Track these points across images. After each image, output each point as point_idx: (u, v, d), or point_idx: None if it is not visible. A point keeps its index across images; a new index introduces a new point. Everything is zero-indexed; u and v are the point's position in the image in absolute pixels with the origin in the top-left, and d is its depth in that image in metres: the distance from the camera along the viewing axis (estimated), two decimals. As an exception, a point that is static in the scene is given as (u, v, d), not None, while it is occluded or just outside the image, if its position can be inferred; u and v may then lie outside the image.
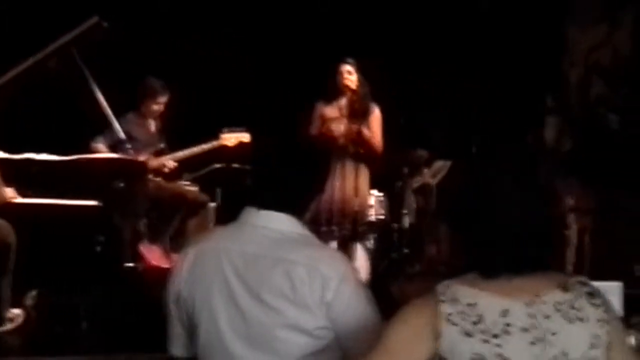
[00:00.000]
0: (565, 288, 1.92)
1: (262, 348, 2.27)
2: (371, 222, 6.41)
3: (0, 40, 6.41)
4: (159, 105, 6.56)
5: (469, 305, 1.90)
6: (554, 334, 1.88)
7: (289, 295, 2.24)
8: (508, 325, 1.88)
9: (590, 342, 1.88)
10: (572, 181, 6.18)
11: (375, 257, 6.30)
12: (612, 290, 2.51)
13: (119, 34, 5.96)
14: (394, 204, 6.68)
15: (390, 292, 5.83)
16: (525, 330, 1.88)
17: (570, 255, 6.11)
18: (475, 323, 1.89)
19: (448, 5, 7.65)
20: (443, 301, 1.91)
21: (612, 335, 1.90)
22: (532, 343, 1.87)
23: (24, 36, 6.15)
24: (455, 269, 2.04)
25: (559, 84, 7.40)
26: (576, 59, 7.35)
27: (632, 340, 2.40)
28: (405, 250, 6.53)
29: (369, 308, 2.33)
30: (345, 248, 5.94)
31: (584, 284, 1.94)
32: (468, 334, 1.88)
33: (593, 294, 1.92)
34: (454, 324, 1.89)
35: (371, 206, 6.43)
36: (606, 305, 1.92)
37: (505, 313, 1.89)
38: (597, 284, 2.03)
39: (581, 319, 1.89)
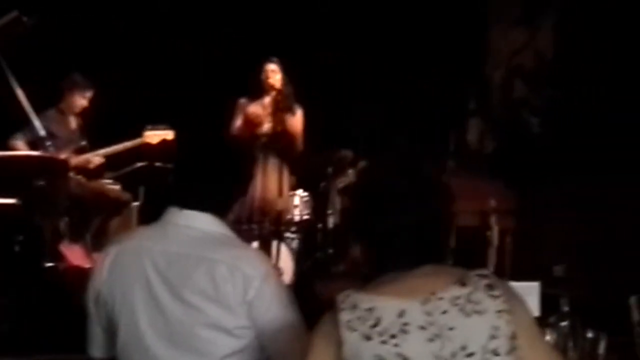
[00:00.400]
0: (462, 283, 1.93)
1: (183, 347, 2.26)
2: (296, 222, 6.42)
3: None
4: (83, 101, 6.46)
5: (367, 310, 1.92)
6: (451, 329, 1.89)
7: (211, 294, 2.24)
8: (405, 324, 1.90)
9: (489, 333, 1.88)
10: (494, 182, 6.26)
11: (299, 257, 6.31)
12: (530, 290, 2.55)
13: (39, 29, 5.85)
14: (318, 204, 6.69)
15: (314, 292, 5.84)
16: (422, 328, 1.89)
17: (492, 255, 6.19)
18: (373, 326, 1.90)
19: (371, 4, 7.69)
20: (343, 309, 1.94)
21: (516, 325, 1.91)
22: (430, 340, 1.89)
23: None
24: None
25: (481, 86, 7.50)
26: (499, 62, 7.46)
27: (547, 338, 2.44)
28: (330, 251, 6.54)
29: (289, 309, 2.34)
30: (267, 247, 5.93)
31: (483, 276, 1.95)
32: (367, 338, 1.90)
33: (492, 286, 1.93)
34: (354, 330, 1.91)
35: (296, 206, 6.44)
36: (507, 296, 1.93)
37: (402, 313, 1.91)
38: (515, 284, 2.06)
39: (479, 312, 1.90)
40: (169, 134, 6.45)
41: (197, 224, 2.35)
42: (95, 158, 6.38)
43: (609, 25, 6.56)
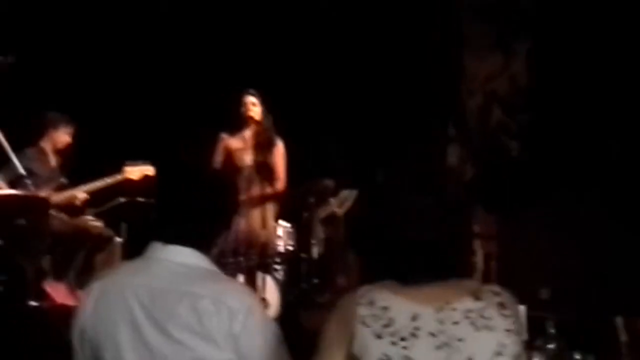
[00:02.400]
0: (477, 297, 2.01)
1: (170, 383, 2.24)
2: (280, 253, 6.40)
3: None
4: (66, 137, 6.47)
5: (383, 308, 1.99)
6: (460, 340, 1.96)
7: (196, 328, 2.23)
8: (417, 329, 1.96)
9: (496, 349, 1.95)
10: (475, 208, 6.28)
11: (285, 288, 6.29)
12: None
13: (14, 67, 5.84)
14: (302, 234, 6.68)
15: (300, 322, 5.82)
16: (432, 335, 1.96)
17: (478, 280, 6.21)
18: (385, 326, 1.97)
19: (347, 34, 7.74)
20: (360, 304, 2.01)
21: (520, 348, 1.99)
22: (439, 347, 1.95)
23: None
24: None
25: (459, 112, 7.54)
26: (474, 88, 7.51)
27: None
28: (315, 280, 6.52)
29: (275, 341, 2.33)
30: (253, 280, 5.91)
31: (497, 294, 2.03)
32: (378, 336, 1.96)
33: (504, 305, 2.01)
34: (367, 326, 1.98)
35: (279, 237, 6.43)
36: (516, 317, 2.01)
37: (415, 317, 1.97)
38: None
39: (489, 328, 1.97)
40: (149, 169, 6.43)
41: (179, 259, 2.35)
42: (80, 194, 6.36)
43: (583, 48, 6.62)
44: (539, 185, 6.54)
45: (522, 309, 2.65)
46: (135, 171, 6.41)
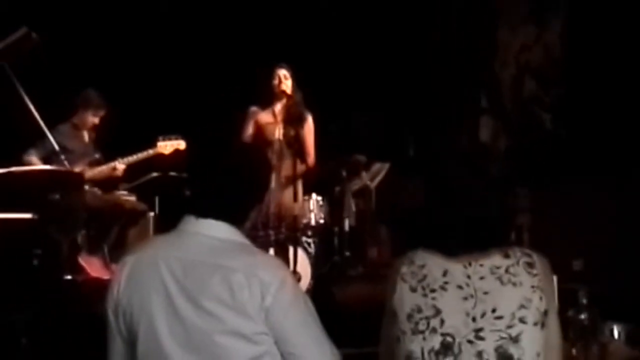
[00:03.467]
0: (506, 254, 2.17)
1: (203, 355, 2.26)
2: (312, 226, 6.41)
3: None
4: (95, 119, 6.51)
5: (420, 266, 2.20)
6: (485, 292, 2.13)
7: (228, 301, 2.24)
8: (446, 283, 2.16)
9: (520, 303, 2.11)
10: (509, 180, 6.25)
11: (317, 261, 6.31)
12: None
13: (48, 44, 5.88)
14: (334, 207, 6.69)
15: (332, 295, 5.84)
16: (460, 287, 2.15)
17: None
18: (420, 281, 2.19)
19: (378, 6, 7.69)
20: (403, 263, 2.23)
21: (548, 305, 2.13)
22: (465, 298, 2.14)
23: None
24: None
25: (492, 84, 7.49)
26: (508, 60, 7.46)
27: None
28: (347, 253, 6.54)
29: (307, 314, 2.34)
30: (284, 253, 5.92)
31: (527, 254, 2.18)
32: (413, 290, 2.18)
33: (532, 265, 2.15)
34: (405, 282, 2.20)
35: (311, 210, 6.43)
36: (543, 276, 2.15)
37: (445, 273, 2.17)
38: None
39: (514, 283, 2.13)
40: (181, 144, 6.46)
41: (212, 232, 2.36)
42: (119, 165, 6.40)
43: (618, 21, 6.54)
44: (572, 158, 6.49)
45: (554, 279, 2.65)
46: (168, 146, 6.45)
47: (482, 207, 2.22)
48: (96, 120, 6.53)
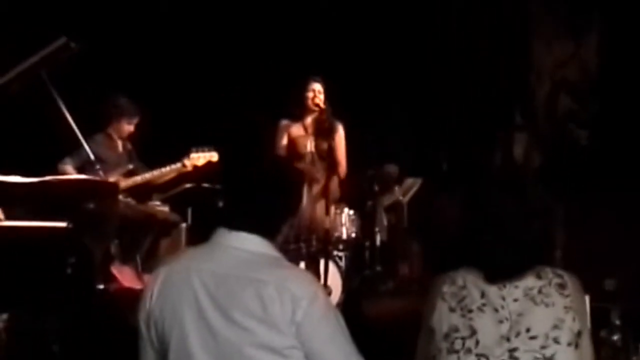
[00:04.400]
0: (539, 276, 2.22)
1: (233, 367, 2.27)
2: (343, 240, 6.40)
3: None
4: (129, 127, 6.54)
5: (460, 287, 2.28)
6: (520, 314, 2.19)
7: (260, 314, 2.25)
8: (484, 305, 2.23)
9: (553, 323, 2.16)
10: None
11: (347, 275, 6.30)
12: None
13: (86, 54, 5.92)
14: (365, 221, 6.67)
15: (362, 309, 5.83)
16: (496, 310, 2.21)
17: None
18: (459, 301, 2.26)
19: (414, 20, 7.69)
20: (445, 282, 2.32)
21: (581, 325, 2.17)
22: (500, 322, 2.20)
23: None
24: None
25: (526, 100, 7.46)
26: (543, 75, 7.42)
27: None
28: (378, 268, 6.52)
29: (338, 328, 2.34)
30: (315, 266, 5.92)
31: (559, 275, 2.23)
32: (452, 310, 2.26)
33: (563, 286, 2.23)
34: (445, 301, 2.28)
35: (343, 224, 6.43)
36: (575, 297, 2.21)
37: (483, 294, 2.24)
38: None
39: (546, 304, 2.19)
40: (214, 156, 6.48)
41: (245, 246, 2.37)
42: (188, 162, 6.38)
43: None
44: (607, 174, 6.44)
45: (586, 299, 2.63)
46: (201, 157, 6.47)
47: (525, 231, 2.28)
48: (131, 127, 6.56)
